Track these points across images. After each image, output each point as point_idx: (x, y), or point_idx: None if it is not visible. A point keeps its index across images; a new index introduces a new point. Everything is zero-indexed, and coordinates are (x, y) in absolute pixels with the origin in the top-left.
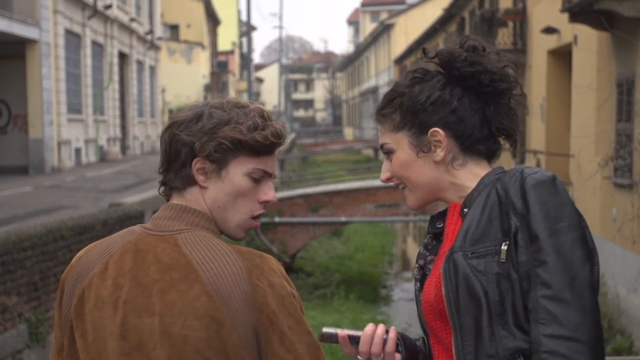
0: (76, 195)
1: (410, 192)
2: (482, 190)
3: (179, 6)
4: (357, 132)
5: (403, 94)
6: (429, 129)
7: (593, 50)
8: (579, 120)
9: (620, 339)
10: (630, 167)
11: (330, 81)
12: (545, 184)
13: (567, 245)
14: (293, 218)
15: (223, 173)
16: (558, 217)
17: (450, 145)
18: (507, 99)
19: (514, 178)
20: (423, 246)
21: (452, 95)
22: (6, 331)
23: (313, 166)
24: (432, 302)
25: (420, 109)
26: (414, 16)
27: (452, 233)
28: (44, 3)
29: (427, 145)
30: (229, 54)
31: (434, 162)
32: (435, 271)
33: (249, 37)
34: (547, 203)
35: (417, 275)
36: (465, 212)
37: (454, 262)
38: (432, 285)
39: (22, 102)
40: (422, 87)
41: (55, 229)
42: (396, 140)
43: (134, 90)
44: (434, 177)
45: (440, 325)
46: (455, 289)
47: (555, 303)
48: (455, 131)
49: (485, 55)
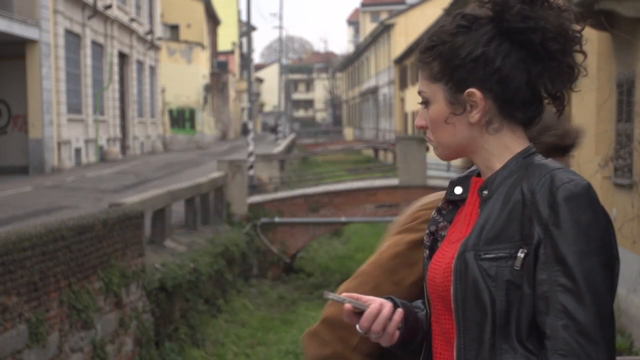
0: (76, 196)
1: (441, 146)
2: (506, 176)
3: (179, 6)
4: (357, 133)
5: (445, 43)
6: (465, 88)
7: (593, 50)
8: (579, 120)
9: (620, 339)
10: (630, 167)
11: (331, 81)
12: (580, 197)
13: (597, 271)
14: (293, 218)
15: None
16: (590, 237)
17: (487, 107)
18: (558, 61)
19: (543, 180)
20: (436, 211)
21: (497, 52)
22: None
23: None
24: (438, 287)
25: (460, 64)
26: (414, 16)
27: (469, 214)
28: (44, 3)
29: (463, 105)
30: (229, 54)
31: (469, 122)
32: (446, 253)
33: (249, 37)
34: (580, 220)
35: (427, 242)
36: (485, 194)
37: (465, 261)
38: (440, 269)
39: (22, 102)
40: (465, 38)
41: (55, 229)
42: (433, 91)
43: (134, 90)
44: (467, 138)
45: (443, 312)
46: (464, 292)
47: (580, 337)
48: (494, 93)
49: (543, 9)
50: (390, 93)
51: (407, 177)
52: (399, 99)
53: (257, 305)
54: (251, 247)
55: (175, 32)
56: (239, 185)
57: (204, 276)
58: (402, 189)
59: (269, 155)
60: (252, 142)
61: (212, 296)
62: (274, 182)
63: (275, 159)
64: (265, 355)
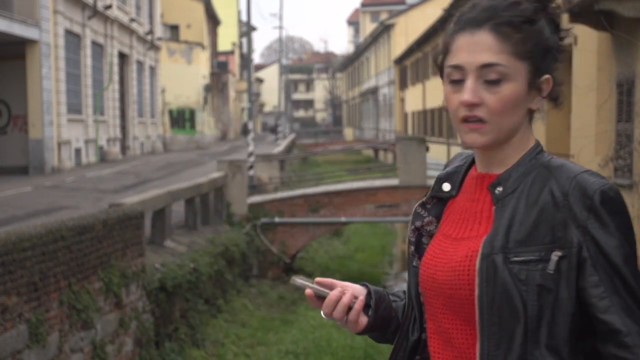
0: (76, 196)
1: (496, 129)
2: (522, 174)
3: (179, 6)
4: (357, 133)
5: (533, 22)
6: (544, 74)
7: (593, 50)
8: (579, 120)
9: None
10: (630, 168)
11: (331, 81)
12: (617, 200)
13: (636, 270)
14: (293, 218)
15: None
16: (629, 238)
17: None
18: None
19: (574, 183)
20: (420, 206)
21: (557, 41)
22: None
23: (313, 166)
24: (441, 285)
25: (547, 49)
26: (414, 16)
27: (479, 212)
28: (44, 3)
29: (536, 89)
30: (229, 54)
31: (528, 108)
32: (448, 251)
33: (249, 37)
34: (620, 224)
35: (412, 238)
36: (499, 192)
37: (493, 264)
38: (444, 267)
39: (22, 102)
40: (542, 23)
41: (55, 230)
42: (516, 68)
43: (134, 90)
44: (520, 124)
45: (443, 310)
46: (491, 295)
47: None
48: (554, 81)
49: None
50: (390, 93)
51: (407, 177)
52: (399, 99)
53: (257, 305)
54: (251, 247)
55: (175, 32)
56: (239, 186)
57: (204, 276)
58: (402, 189)
59: (269, 155)
60: (252, 142)
61: (212, 296)
62: (274, 182)
63: (275, 159)
64: (265, 356)
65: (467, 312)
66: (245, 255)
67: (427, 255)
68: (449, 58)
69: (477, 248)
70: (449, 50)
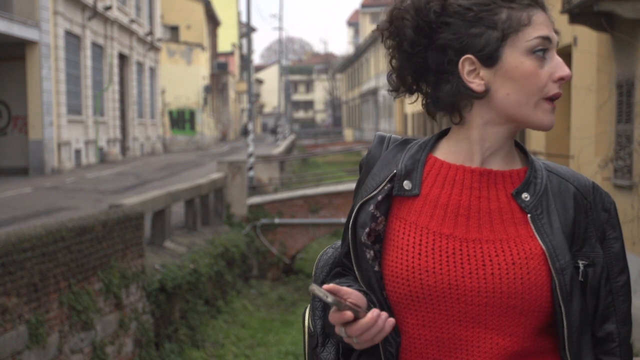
0: (76, 197)
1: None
2: (541, 177)
3: (179, 7)
4: (357, 134)
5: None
6: None
7: (593, 51)
8: (578, 121)
9: None
10: (630, 169)
11: (330, 82)
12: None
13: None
14: (293, 219)
15: None
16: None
17: None
18: None
19: (594, 193)
20: (375, 206)
21: None
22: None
23: (313, 167)
24: (480, 293)
25: None
26: None
27: (497, 212)
28: (44, 4)
29: None
30: (229, 55)
31: None
32: (484, 255)
33: (249, 38)
34: (621, 231)
35: (367, 241)
36: (527, 198)
37: (570, 277)
38: (486, 274)
39: (22, 103)
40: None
41: (55, 230)
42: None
43: (134, 91)
44: None
45: (463, 322)
46: (569, 308)
47: (628, 339)
48: None
49: None
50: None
51: None
52: (399, 100)
53: (257, 306)
54: (251, 248)
55: (175, 33)
56: (238, 186)
57: (203, 277)
58: None
59: (268, 156)
60: (252, 143)
61: (212, 297)
62: (273, 183)
63: (275, 160)
64: (265, 356)
65: (503, 321)
66: (245, 256)
67: (422, 258)
68: (530, 31)
69: (527, 254)
70: (530, 22)
